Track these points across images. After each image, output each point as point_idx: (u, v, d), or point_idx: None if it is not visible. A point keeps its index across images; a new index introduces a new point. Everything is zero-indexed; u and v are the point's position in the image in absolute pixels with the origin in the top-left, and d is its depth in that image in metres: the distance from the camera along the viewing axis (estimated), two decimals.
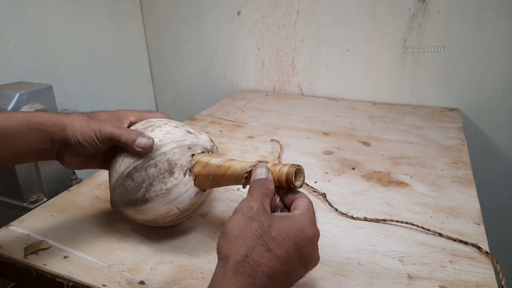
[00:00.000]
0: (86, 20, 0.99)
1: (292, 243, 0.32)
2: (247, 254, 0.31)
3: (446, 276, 0.41)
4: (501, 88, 0.87)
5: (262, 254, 0.31)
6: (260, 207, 0.35)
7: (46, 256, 0.45)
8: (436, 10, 0.87)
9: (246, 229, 0.32)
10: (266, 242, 0.31)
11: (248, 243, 0.31)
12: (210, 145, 0.47)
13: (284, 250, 0.31)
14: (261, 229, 0.32)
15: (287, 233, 0.32)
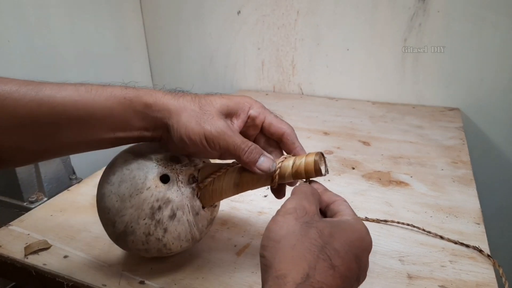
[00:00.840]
0: (86, 20, 0.99)
1: (353, 256, 0.27)
2: (309, 273, 0.25)
3: (446, 276, 0.41)
4: (502, 87, 0.87)
5: (325, 273, 0.25)
6: (316, 212, 0.30)
7: (46, 256, 0.45)
8: (436, 10, 0.87)
9: (304, 238, 0.27)
10: (329, 256, 0.26)
11: (309, 257, 0.26)
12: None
13: (346, 267, 0.26)
14: (321, 238, 0.27)
15: (349, 244, 0.27)
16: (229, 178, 0.38)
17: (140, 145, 0.41)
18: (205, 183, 0.39)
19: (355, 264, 0.27)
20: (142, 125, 0.36)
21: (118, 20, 1.11)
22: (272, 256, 0.27)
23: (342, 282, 0.26)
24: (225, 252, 0.45)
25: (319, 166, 0.34)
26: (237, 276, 0.41)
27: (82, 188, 0.60)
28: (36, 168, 0.67)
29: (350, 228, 0.29)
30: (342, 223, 0.29)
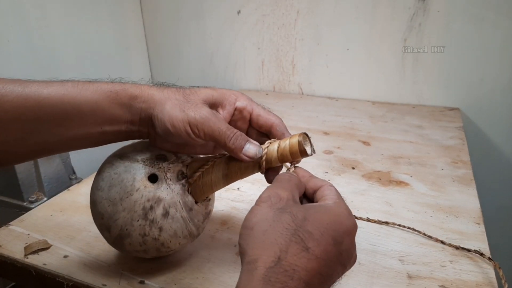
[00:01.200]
0: (86, 20, 0.99)
1: (331, 239, 0.27)
2: (280, 256, 0.25)
3: (446, 276, 0.41)
4: (502, 87, 0.87)
5: (298, 255, 0.25)
6: (291, 198, 0.29)
7: (46, 256, 0.45)
8: (436, 10, 0.87)
9: (276, 223, 0.27)
10: (302, 239, 0.26)
11: (281, 241, 0.26)
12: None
13: (322, 248, 0.26)
14: (294, 222, 0.27)
15: (324, 226, 0.27)
16: (217, 170, 0.38)
17: (126, 147, 0.41)
18: (194, 178, 0.39)
19: (333, 247, 0.27)
20: (129, 117, 0.35)
21: (118, 20, 1.11)
22: (245, 243, 0.27)
23: (319, 265, 0.25)
24: (225, 252, 0.45)
25: (304, 146, 0.34)
26: (237, 276, 0.41)
27: (82, 188, 0.60)
28: (36, 168, 0.67)
29: (327, 211, 0.28)
30: (319, 206, 0.29)
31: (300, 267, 0.25)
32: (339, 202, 0.30)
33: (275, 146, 0.35)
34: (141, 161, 0.38)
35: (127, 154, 0.39)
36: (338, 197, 0.30)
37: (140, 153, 0.39)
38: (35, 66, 0.87)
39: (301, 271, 0.25)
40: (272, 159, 0.36)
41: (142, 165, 0.38)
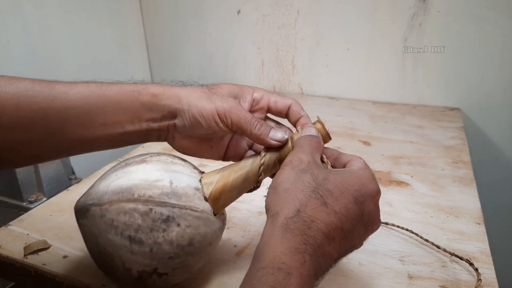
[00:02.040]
0: (86, 19, 0.99)
1: (352, 198, 0.28)
2: (300, 208, 0.27)
3: (446, 276, 0.40)
4: (502, 87, 0.87)
5: (317, 209, 0.27)
6: (312, 161, 0.31)
7: (45, 256, 0.44)
8: (437, 10, 0.86)
9: (297, 182, 0.29)
10: (321, 195, 0.28)
11: (301, 197, 0.28)
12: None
13: (342, 205, 0.28)
14: (315, 181, 0.28)
15: (345, 186, 0.28)
16: (239, 171, 0.37)
17: None
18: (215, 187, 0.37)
19: (354, 205, 0.28)
20: (150, 116, 0.36)
21: (118, 20, 1.11)
22: (269, 200, 0.29)
23: (339, 220, 0.27)
24: (225, 252, 0.45)
25: (327, 130, 0.37)
26: (237, 277, 0.41)
27: (82, 188, 0.60)
28: (35, 168, 0.67)
29: (349, 174, 0.30)
30: (343, 170, 0.31)
31: (318, 219, 0.26)
32: (364, 169, 0.31)
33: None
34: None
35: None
36: (364, 165, 0.32)
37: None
38: (35, 66, 0.87)
39: (319, 223, 0.26)
40: None
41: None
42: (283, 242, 0.25)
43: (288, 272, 0.24)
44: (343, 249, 0.29)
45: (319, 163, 0.32)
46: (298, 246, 0.25)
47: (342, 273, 0.41)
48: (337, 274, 0.41)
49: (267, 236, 0.27)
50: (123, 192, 0.34)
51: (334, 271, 0.41)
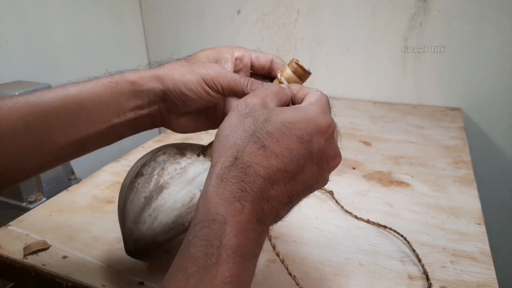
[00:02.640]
0: (85, 19, 0.99)
1: (295, 137, 0.26)
2: (237, 155, 0.26)
3: (447, 277, 0.40)
4: (503, 87, 0.87)
5: (254, 153, 0.25)
6: (259, 103, 0.29)
7: (45, 256, 0.44)
8: (437, 9, 0.86)
9: (238, 127, 0.27)
10: (260, 138, 0.26)
11: (239, 142, 0.26)
12: None
13: (284, 146, 0.26)
14: (255, 124, 0.27)
15: (287, 126, 0.26)
16: None
17: None
18: None
19: (298, 144, 0.26)
20: (135, 104, 0.35)
21: (118, 20, 1.11)
22: (212, 150, 0.28)
23: (281, 162, 0.26)
24: None
25: (302, 65, 0.37)
26: None
27: (81, 189, 0.60)
28: None
29: (294, 111, 0.28)
30: (287, 108, 0.28)
31: (256, 163, 0.25)
32: (314, 102, 0.29)
33: (282, 79, 0.37)
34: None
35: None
36: (316, 99, 0.30)
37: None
38: (35, 66, 0.87)
39: (257, 167, 0.25)
40: None
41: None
42: (218, 193, 0.24)
43: (223, 222, 0.24)
44: (294, 191, 0.27)
45: (270, 106, 0.29)
46: (234, 194, 0.24)
47: (343, 273, 0.41)
48: (338, 275, 0.41)
49: (205, 189, 0.26)
50: (174, 228, 0.34)
51: (334, 272, 0.41)
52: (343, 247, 0.45)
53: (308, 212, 0.52)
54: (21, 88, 0.64)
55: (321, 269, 0.42)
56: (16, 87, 0.64)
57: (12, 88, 0.64)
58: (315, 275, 0.41)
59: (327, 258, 0.43)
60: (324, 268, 0.42)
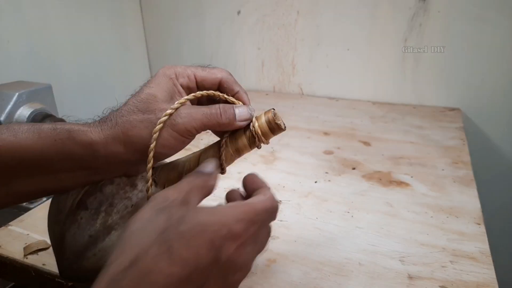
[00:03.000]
0: (86, 19, 0.99)
1: (207, 242, 0.23)
2: (137, 258, 0.22)
3: (447, 276, 0.40)
4: (502, 87, 0.87)
5: (158, 256, 0.22)
6: (179, 198, 0.26)
7: (45, 256, 0.44)
8: (437, 10, 0.87)
9: (148, 223, 0.24)
10: (168, 239, 0.22)
11: (144, 241, 0.22)
12: None
13: (193, 251, 0.22)
14: (167, 222, 0.23)
15: (201, 228, 0.23)
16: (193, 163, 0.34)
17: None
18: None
19: (207, 251, 0.22)
20: (87, 165, 0.31)
21: (118, 20, 1.11)
22: (117, 244, 0.24)
23: (186, 271, 0.21)
24: None
25: (278, 120, 0.32)
26: None
27: None
28: None
29: (214, 212, 0.24)
30: (210, 208, 0.25)
31: (157, 270, 0.21)
32: (240, 206, 0.25)
33: (256, 127, 0.33)
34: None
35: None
36: (249, 202, 0.26)
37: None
38: (35, 66, 0.87)
39: (157, 275, 0.21)
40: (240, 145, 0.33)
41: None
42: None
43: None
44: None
45: (192, 202, 0.26)
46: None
47: (342, 273, 0.41)
48: (337, 275, 0.41)
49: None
50: None
51: (334, 272, 0.41)
52: (342, 247, 0.45)
53: (308, 212, 0.52)
54: (21, 88, 0.64)
55: (321, 269, 0.42)
56: (17, 87, 0.64)
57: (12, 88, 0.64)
58: (315, 275, 0.41)
59: (327, 258, 0.43)
60: (324, 268, 0.42)
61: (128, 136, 0.30)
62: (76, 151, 0.30)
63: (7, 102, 0.62)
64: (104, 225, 0.31)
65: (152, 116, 0.30)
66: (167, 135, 0.31)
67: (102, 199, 0.32)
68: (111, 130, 0.30)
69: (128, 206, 0.32)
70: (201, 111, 0.31)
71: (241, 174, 0.62)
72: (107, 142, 0.30)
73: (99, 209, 0.31)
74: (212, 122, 0.31)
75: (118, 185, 0.32)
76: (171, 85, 0.32)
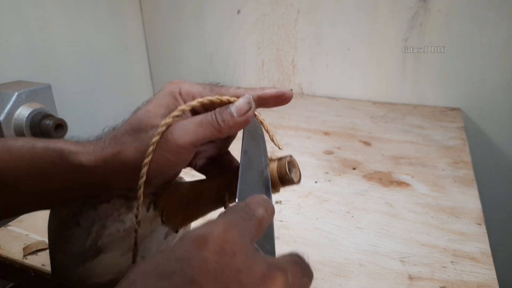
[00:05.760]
0: (85, 19, 0.99)
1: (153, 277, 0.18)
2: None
3: (447, 277, 0.40)
4: (503, 87, 0.87)
5: None
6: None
7: (45, 256, 0.44)
8: (437, 9, 0.86)
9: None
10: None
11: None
12: None
13: None
14: None
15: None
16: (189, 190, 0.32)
17: None
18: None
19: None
20: (79, 189, 0.30)
21: (118, 20, 1.11)
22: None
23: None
24: None
25: (291, 173, 0.29)
26: None
27: None
28: None
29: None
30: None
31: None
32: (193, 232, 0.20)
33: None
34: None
35: None
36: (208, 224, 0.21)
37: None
38: (35, 66, 0.87)
39: None
40: None
41: None
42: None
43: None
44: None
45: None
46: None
47: (343, 273, 0.41)
48: (338, 275, 0.41)
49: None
50: (107, 285, 0.31)
51: (334, 272, 0.41)
52: (343, 247, 0.45)
53: (308, 212, 0.52)
54: (20, 88, 0.64)
55: (321, 269, 0.42)
56: (16, 87, 0.64)
57: (12, 87, 0.64)
58: (315, 275, 0.41)
59: (327, 258, 0.43)
60: (324, 268, 0.42)
61: (119, 159, 0.28)
62: (66, 175, 0.29)
63: (6, 102, 0.62)
64: (93, 246, 0.30)
65: (143, 135, 0.28)
66: (160, 156, 0.27)
67: (95, 219, 0.31)
68: (102, 152, 0.28)
69: (120, 231, 0.31)
70: (194, 121, 0.28)
71: None
72: (96, 166, 0.28)
73: (91, 229, 0.30)
74: (210, 130, 0.28)
75: (114, 205, 0.31)
76: (171, 100, 0.29)
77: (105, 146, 0.28)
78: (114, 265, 0.31)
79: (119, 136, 0.28)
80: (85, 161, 0.28)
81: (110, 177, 0.28)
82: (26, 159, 0.28)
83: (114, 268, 0.31)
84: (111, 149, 0.28)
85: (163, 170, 0.28)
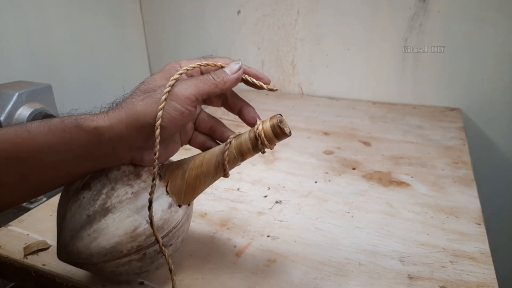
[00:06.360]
0: (86, 19, 0.99)
1: None
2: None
3: (447, 277, 0.40)
4: (502, 87, 0.87)
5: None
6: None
7: (45, 256, 0.44)
8: (437, 10, 0.86)
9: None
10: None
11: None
12: None
13: None
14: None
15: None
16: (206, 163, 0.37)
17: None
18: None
19: None
20: (96, 153, 0.33)
21: (118, 20, 1.11)
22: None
23: None
24: (225, 252, 0.45)
25: (283, 126, 0.34)
26: (237, 277, 0.41)
27: None
28: None
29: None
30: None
31: None
32: None
33: (260, 130, 0.34)
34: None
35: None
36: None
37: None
38: (35, 66, 0.87)
39: None
40: (243, 148, 0.35)
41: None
42: None
43: None
44: None
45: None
46: None
47: (342, 273, 0.41)
48: (337, 275, 0.41)
49: None
50: (111, 253, 0.33)
51: (334, 272, 0.41)
52: (343, 247, 0.45)
53: (308, 212, 0.52)
54: (21, 88, 0.64)
55: (321, 269, 0.42)
56: (17, 87, 0.64)
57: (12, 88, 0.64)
58: (315, 275, 0.41)
59: (327, 258, 0.43)
60: (324, 268, 0.42)
61: (131, 116, 0.32)
62: (82, 138, 0.31)
63: (7, 102, 0.62)
64: (102, 207, 0.33)
65: (152, 94, 0.33)
66: (168, 108, 0.32)
67: (105, 182, 0.34)
68: (116, 114, 0.32)
69: (128, 193, 0.34)
70: (194, 78, 0.34)
71: (241, 174, 0.62)
72: (111, 125, 0.32)
73: (101, 191, 0.33)
74: (208, 84, 0.34)
75: (123, 172, 0.35)
76: (173, 72, 0.35)
77: (118, 109, 0.32)
78: (121, 227, 0.33)
79: (130, 99, 0.33)
80: (100, 123, 0.31)
81: (123, 136, 0.32)
82: (44, 132, 0.31)
83: (120, 230, 0.33)
84: (124, 110, 0.32)
85: (173, 118, 0.32)
